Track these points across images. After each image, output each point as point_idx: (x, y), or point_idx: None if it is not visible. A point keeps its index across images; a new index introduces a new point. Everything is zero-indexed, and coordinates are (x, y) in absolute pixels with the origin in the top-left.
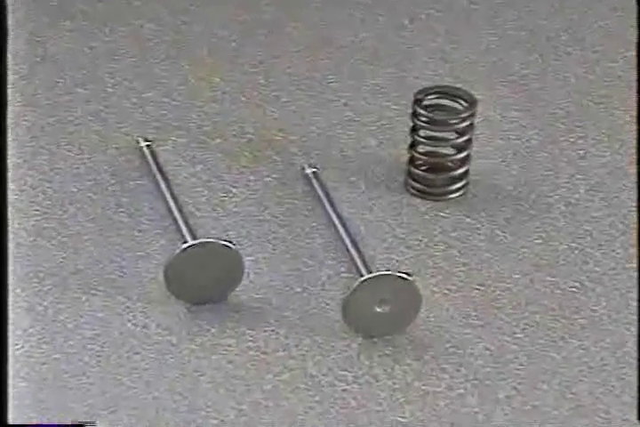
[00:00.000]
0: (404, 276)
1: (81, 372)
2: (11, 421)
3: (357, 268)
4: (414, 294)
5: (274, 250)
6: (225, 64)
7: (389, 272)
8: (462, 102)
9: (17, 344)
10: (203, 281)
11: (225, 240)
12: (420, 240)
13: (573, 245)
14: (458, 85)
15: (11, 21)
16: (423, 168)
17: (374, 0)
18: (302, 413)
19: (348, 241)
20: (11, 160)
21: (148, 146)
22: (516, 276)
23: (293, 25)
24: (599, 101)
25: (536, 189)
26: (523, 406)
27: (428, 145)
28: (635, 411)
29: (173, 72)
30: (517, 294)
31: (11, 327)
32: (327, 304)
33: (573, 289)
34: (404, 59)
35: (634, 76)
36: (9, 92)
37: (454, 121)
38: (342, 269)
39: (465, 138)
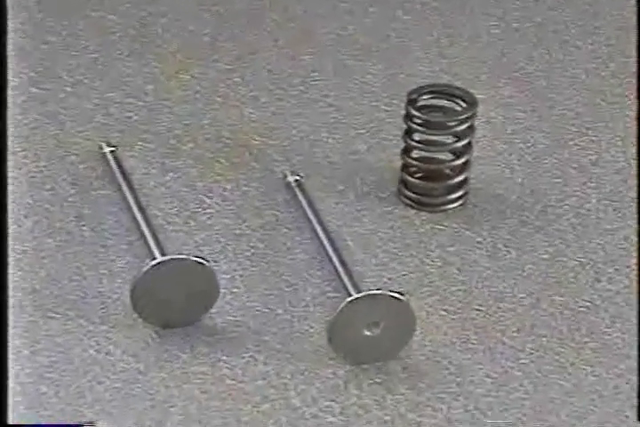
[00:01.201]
0: (397, 296)
1: (37, 403)
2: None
3: (345, 287)
4: (408, 315)
5: (252, 267)
6: (197, 60)
7: (380, 292)
8: (461, 102)
9: None
10: (173, 302)
11: (198, 257)
12: (415, 256)
13: (584, 260)
14: (456, 84)
15: None
16: (418, 176)
17: None
18: None
19: (334, 257)
20: None
21: (111, 152)
22: (521, 295)
23: (273, 17)
24: (613, 101)
25: (543, 198)
26: None
27: (423, 150)
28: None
29: (139, 69)
30: (522, 315)
31: None
32: (311, 327)
33: (584, 309)
34: (397, 54)
35: None
36: None
37: (452, 123)
38: (328, 288)
39: (464, 142)
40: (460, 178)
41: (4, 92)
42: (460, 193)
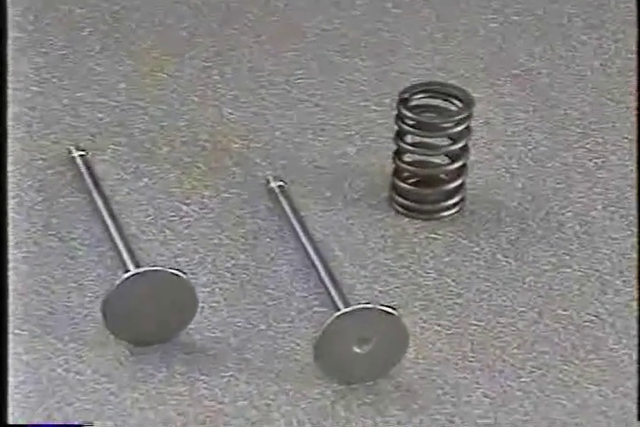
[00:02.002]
0: (389, 310)
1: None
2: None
3: (333, 300)
4: (400, 331)
5: (233, 280)
6: (173, 57)
7: (371, 306)
8: (456, 102)
9: None
10: (148, 318)
11: (174, 268)
12: (408, 267)
13: (589, 271)
14: (451, 82)
15: None
16: (411, 181)
17: None
18: None
19: (321, 269)
20: None
21: (81, 156)
22: (522, 309)
23: (253, 10)
24: (620, 100)
25: (545, 205)
26: None
27: (416, 153)
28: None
29: (111, 67)
30: (523, 330)
31: None
32: (297, 344)
33: (589, 324)
34: (387, 50)
35: None
36: None
37: (447, 124)
38: (315, 302)
39: (460, 144)
40: (456, 183)
41: (4, 95)
42: (456, 199)
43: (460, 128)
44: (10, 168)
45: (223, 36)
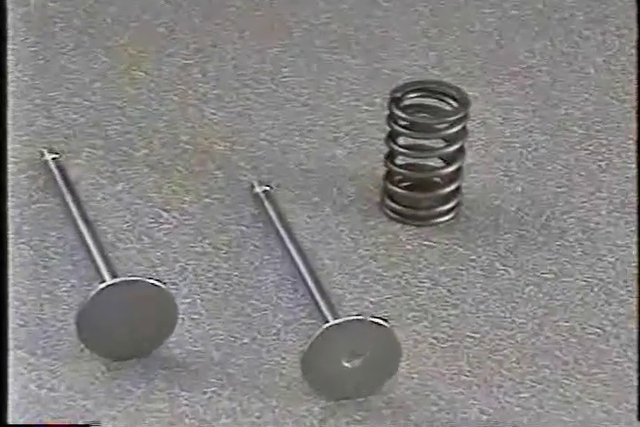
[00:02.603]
0: (380, 322)
1: None
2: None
3: (321, 312)
4: (392, 344)
5: (215, 290)
6: (151, 54)
7: (361, 317)
8: (452, 102)
9: None
10: (125, 331)
11: (153, 279)
12: (401, 276)
13: (593, 280)
14: (446, 80)
15: None
16: (404, 185)
17: None
18: None
19: (309, 278)
20: None
21: (54, 159)
22: (521, 320)
23: (237, 4)
24: (624, 99)
25: (546, 210)
26: None
27: (409, 156)
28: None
29: (86, 65)
30: (522, 343)
31: None
32: (283, 358)
33: (592, 336)
34: (378, 46)
35: None
36: None
37: (442, 125)
38: (302, 313)
39: (456, 147)
40: (452, 187)
41: (4, 97)
42: (451, 205)
43: (455, 129)
44: None
45: (204, 32)
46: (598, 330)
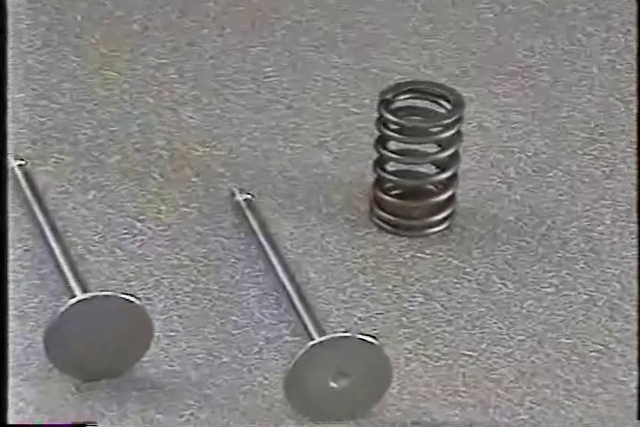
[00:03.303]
0: (369, 339)
1: None
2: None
3: (306, 329)
4: (382, 363)
5: (193, 306)
6: (124, 53)
7: (349, 334)
8: (445, 104)
9: None
10: (97, 349)
11: (127, 293)
12: (391, 291)
13: (596, 294)
14: (440, 81)
15: None
16: (394, 193)
17: None
18: None
19: (293, 293)
20: None
21: (20, 166)
22: (520, 337)
23: None
24: (630, 100)
25: (546, 219)
26: None
27: (400, 162)
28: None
29: (54, 65)
30: (521, 362)
31: None
32: (265, 378)
33: (595, 354)
34: (368, 45)
35: None
36: None
37: (435, 129)
38: (286, 330)
39: (449, 152)
40: (446, 195)
41: (4, 96)
42: (445, 214)
43: (449, 133)
44: None
45: (181, 29)
46: (602, 347)
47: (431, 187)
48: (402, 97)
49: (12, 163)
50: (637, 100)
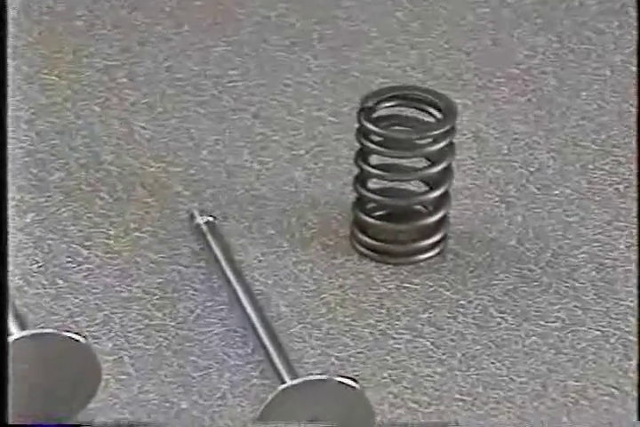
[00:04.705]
0: (349, 382)
1: None
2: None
3: (277, 370)
4: (364, 409)
5: (147, 345)
6: (66, 55)
7: (325, 377)
8: (435, 112)
9: None
10: (38, 394)
11: (71, 331)
12: (374, 326)
13: (608, 330)
14: (429, 85)
15: None
16: (378, 214)
17: None
18: None
19: (262, 330)
20: None
21: None
22: (521, 380)
23: None
24: None
25: (552, 244)
26: None
27: (384, 179)
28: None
29: None
30: (523, 407)
31: None
32: None
33: (608, 399)
34: (346, 44)
35: None
36: None
37: (424, 141)
38: (253, 372)
39: (440, 167)
40: (437, 217)
41: (4, 96)
42: (436, 238)
43: (440, 146)
44: None
45: (132, 26)
46: (615, 391)
47: (420, 207)
48: (386, 104)
49: None
50: (638, 102)
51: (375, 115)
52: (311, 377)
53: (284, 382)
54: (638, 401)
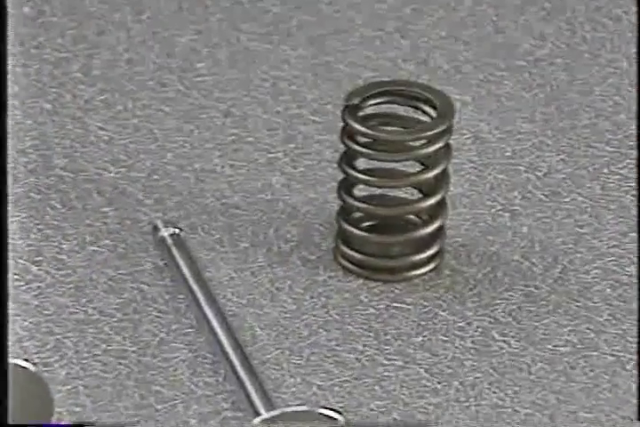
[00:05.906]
0: (333, 414)
1: None
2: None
3: (251, 401)
4: None
5: (105, 373)
6: (14, 46)
7: (306, 408)
8: (429, 110)
9: None
10: None
11: (19, 358)
12: (361, 351)
13: (623, 355)
14: (422, 80)
15: None
16: (365, 225)
17: None
18: None
19: (234, 356)
20: None
21: None
22: (527, 411)
23: None
24: None
25: (562, 258)
26: None
27: (371, 185)
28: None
29: None
30: None
31: None
32: None
33: None
34: (329, 33)
35: None
36: None
37: (417, 143)
38: (224, 404)
39: (435, 171)
40: (432, 228)
41: (4, 97)
42: (431, 252)
43: (434, 148)
44: None
45: (87, 14)
46: (632, 423)
47: (413, 217)
48: (374, 101)
49: None
50: (638, 104)
51: (362, 113)
52: (290, 409)
53: (259, 415)
54: (638, 401)
